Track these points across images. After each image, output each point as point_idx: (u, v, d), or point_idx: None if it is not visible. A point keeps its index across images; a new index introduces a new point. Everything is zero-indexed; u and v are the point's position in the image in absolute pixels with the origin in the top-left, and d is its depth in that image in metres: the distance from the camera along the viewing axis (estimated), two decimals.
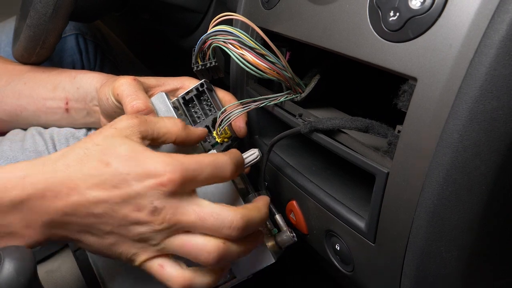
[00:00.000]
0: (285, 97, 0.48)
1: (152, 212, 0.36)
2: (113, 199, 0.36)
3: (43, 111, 0.61)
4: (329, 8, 0.41)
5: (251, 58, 0.45)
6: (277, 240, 0.46)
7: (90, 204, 0.36)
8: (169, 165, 0.36)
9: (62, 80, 0.60)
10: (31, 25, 0.57)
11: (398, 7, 0.34)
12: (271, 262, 0.45)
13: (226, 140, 0.50)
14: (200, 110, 0.51)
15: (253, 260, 0.45)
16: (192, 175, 0.37)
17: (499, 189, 0.32)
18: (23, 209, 0.35)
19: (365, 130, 0.40)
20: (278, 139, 0.47)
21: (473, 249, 0.34)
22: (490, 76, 0.29)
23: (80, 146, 0.38)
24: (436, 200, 0.33)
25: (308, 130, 0.43)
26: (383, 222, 0.38)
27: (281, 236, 0.46)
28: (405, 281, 0.37)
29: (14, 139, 0.60)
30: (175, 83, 0.55)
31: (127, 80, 0.50)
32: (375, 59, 0.36)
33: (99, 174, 0.36)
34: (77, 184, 0.36)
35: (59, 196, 0.35)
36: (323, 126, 0.42)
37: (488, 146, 0.30)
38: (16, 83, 0.62)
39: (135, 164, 0.36)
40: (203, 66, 0.50)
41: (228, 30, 0.45)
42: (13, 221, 0.35)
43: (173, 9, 0.71)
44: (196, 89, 0.50)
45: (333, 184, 0.48)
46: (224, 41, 0.46)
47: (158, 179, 0.36)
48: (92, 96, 0.58)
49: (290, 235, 0.46)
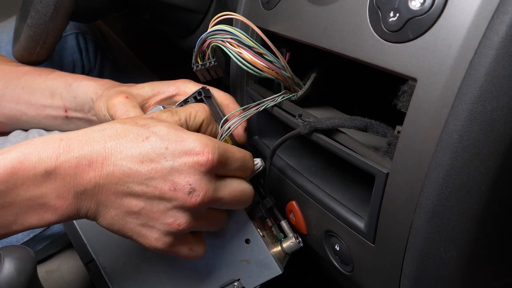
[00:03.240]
0: (282, 97, 0.48)
1: (187, 194, 0.36)
2: (148, 173, 0.36)
3: (43, 117, 0.61)
4: (329, 9, 0.41)
5: (248, 56, 0.45)
6: (283, 246, 0.47)
7: (123, 175, 0.35)
8: (208, 146, 0.37)
9: (58, 86, 0.60)
10: (31, 25, 0.57)
11: (398, 8, 0.34)
12: (278, 273, 0.46)
13: None
14: None
15: (261, 271, 0.46)
16: (226, 161, 0.38)
17: (498, 189, 0.32)
18: (56, 178, 0.35)
19: (364, 129, 0.40)
20: (279, 144, 0.47)
21: (473, 249, 0.34)
22: (490, 77, 0.29)
23: (119, 122, 0.38)
24: (435, 201, 0.33)
25: (307, 131, 0.43)
26: (383, 222, 0.38)
27: (287, 242, 0.47)
28: (404, 281, 0.37)
29: (16, 141, 0.60)
30: (170, 90, 0.55)
31: (120, 100, 0.50)
32: (375, 59, 0.36)
33: (136, 147, 0.36)
34: (112, 154, 0.35)
35: (93, 165, 0.35)
36: (322, 126, 0.42)
37: (488, 146, 0.30)
38: (14, 87, 0.62)
39: (174, 140, 0.37)
40: (203, 66, 0.50)
41: (226, 29, 0.46)
42: (47, 191, 0.35)
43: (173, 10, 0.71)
44: (194, 98, 0.50)
45: (333, 184, 0.48)
46: (223, 40, 0.46)
47: (196, 157, 0.36)
48: (90, 106, 0.58)
49: (296, 241, 0.47)
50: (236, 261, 0.47)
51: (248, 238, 0.47)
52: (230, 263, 0.47)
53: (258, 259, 0.46)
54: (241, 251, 0.47)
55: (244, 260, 0.47)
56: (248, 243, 0.47)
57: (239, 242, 0.47)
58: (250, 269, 0.47)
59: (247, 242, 0.47)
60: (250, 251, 0.47)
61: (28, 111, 0.61)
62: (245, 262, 0.47)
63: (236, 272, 0.47)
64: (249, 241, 0.47)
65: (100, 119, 0.54)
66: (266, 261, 0.46)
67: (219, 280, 0.47)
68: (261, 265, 0.46)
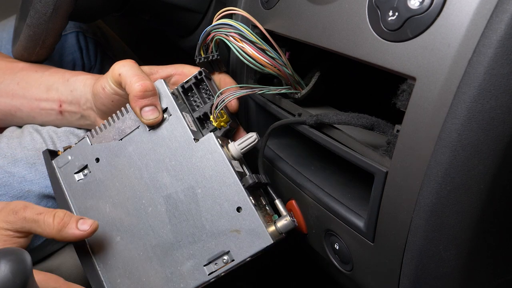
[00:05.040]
0: (286, 90, 0.48)
1: None
2: None
3: (37, 112, 0.61)
4: (328, 8, 0.41)
5: (251, 51, 0.45)
6: (277, 226, 0.45)
7: None
8: None
9: (55, 81, 0.60)
10: (31, 24, 0.57)
11: (397, 7, 0.34)
12: (269, 243, 0.44)
13: (223, 125, 0.50)
14: (199, 98, 0.51)
15: (251, 242, 0.44)
16: None
17: (497, 188, 0.32)
18: None
19: (370, 127, 0.40)
20: (281, 125, 0.47)
21: (472, 248, 0.34)
22: (489, 75, 0.29)
23: None
24: (434, 199, 0.33)
25: (313, 123, 0.43)
26: (382, 221, 0.38)
27: (281, 220, 0.45)
28: (404, 280, 0.38)
29: (11, 136, 0.60)
30: (168, 70, 0.55)
31: (129, 62, 0.50)
32: (374, 58, 0.36)
33: None
34: None
35: None
36: (329, 120, 0.42)
37: (487, 145, 0.30)
38: (9, 83, 0.61)
39: None
40: (206, 58, 0.51)
41: (231, 23, 0.46)
42: None
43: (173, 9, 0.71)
44: (194, 78, 0.51)
45: (332, 183, 0.48)
46: (226, 34, 0.46)
47: None
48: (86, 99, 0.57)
49: (290, 219, 0.45)
50: (226, 232, 0.45)
51: (239, 206, 0.45)
52: (220, 234, 0.45)
53: (249, 229, 0.44)
54: (232, 221, 0.45)
55: (235, 230, 0.45)
56: (239, 211, 0.45)
57: (230, 210, 0.45)
58: (240, 240, 0.44)
59: (238, 211, 0.45)
60: (242, 220, 0.44)
61: (22, 106, 0.61)
62: (236, 233, 0.45)
63: (226, 243, 0.45)
64: (240, 209, 0.45)
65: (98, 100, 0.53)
66: (257, 230, 0.44)
67: (208, 253, 0.45)
68: (252, 234, 0.44)
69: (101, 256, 0.50)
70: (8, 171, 0.56)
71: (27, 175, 0.56)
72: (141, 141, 0.49)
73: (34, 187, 0.56)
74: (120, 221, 0.49)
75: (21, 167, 0.57)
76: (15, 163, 0.57)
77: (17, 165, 0.57)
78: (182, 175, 0.47)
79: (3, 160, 0.56)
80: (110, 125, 0.51)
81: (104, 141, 0.51)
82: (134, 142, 0.49)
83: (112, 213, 0.50)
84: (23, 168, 0.57)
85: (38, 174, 0.57)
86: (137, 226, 0.48)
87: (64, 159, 0.53)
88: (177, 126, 0.48)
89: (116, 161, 0.50)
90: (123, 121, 0.50)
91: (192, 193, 0.46)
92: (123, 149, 0.50)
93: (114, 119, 0.51)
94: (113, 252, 0.49)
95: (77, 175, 0.52)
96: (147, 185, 0.48)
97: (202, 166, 0.46)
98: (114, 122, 0.51)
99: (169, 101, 0.49)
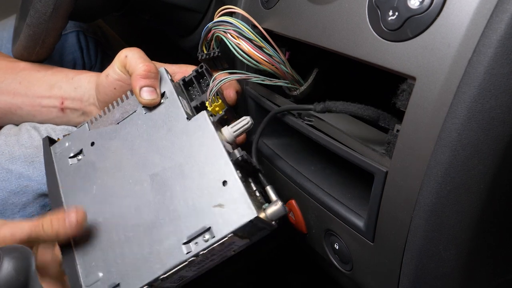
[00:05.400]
0: (283, 83, 0.48)
1: None
2: None
3: (37, 110, 0.61)
4: (328, 8, 0.41)
5: (247, 48, 0.45)
6: (267, 213, 0.42)
7: None
8: None
9: (58, 80, 0.60)
10: (30, 24, 0.57)
11: (397, 7, 0.34)
12: (253, 216, 0.40)
13: (219, 111, 0.49)
14: (199, 91, 0.52)
15: (234, 216, 0.41)
16: None
17: (497, 187, 0.32)
18: None
19: (376, 119, 0.39)
20: (283, 110, 0.47)
21: (472, 247, 0.34)
22: (489, 75, 0.29)
23: None
24: (434, 199, 0.33)
25: (320, 109, 0.43)
26: (382, 221, 0.38)
27: (271, 207, 0.42)
28: (403, 280, 0.38)
29: (9, 134, 0.59)
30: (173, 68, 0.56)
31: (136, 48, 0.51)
32: (374, 58, 0.36)
33: None
34: None
35: None
36: (336, 108, 0.42)
37: (487, 145, 0.30)
38: (10, 82, 0.61)
39: None
40: (208, 55, 0.52)
41: (229, 20, 0.46)
42: None
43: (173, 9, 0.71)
44: (195, 71, 0.51)
45: (332, 183, 0.48)
46: (225, 30, 0.47)
47: None
48: (90, 95, 0.58)
49: (281, 204, 0.42)
50: (209, 207, 0.42)
51: (225, 180, 0.42)
52: (203, 210, 0.42)
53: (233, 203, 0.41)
54: (216, 195, 0.42)
55: (218, 205, 0.42)
56: (225, 185, 0.42)
57: (215, 185, 0.42)
58: (223, 215, 0.41)
59: (224, 185, 0.42)
60: (226, 194, 0.42)
61: (23, 104, 0.61)
62: (219, 207, 0.41)
63: (207, 219, 0.42)
64: (226, 183, 0.42)
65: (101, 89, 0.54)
66: (241, 204, 0.41)
67: (188, 230, 0.42)
68: (235, 209, 0.41)
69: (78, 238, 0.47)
70: (5, 167, 0.56)
71: (25, 172, 0.56)
72: (137, 124, 0.49)
73: (32, 183, 0.56)
74: (104, 201, 0.48)
75: (19, 164, 0.57)
76: (12, 161, 0.57)
77: (15, 163, 0.57)
78: (172, 154, 0.46)
79: (1, 158, 0.56)
80: (110, 111, 0.51)
81: (102, 126, 0.51)
82: (129, 125, 0.50)
83: (98, 194, 0.48)
84: (21, 166, 0.57)
85: (36, 172, 0.57)
86: (121, 206, 0.46)
87: (61, 145, 0.53)
88: (173, 107, 0.48)
89: (110, 143, 0.50)
90: (122, 106, 0.51)
91: (179, 170, 0.45)
92: (118, 131, 0.50)
93: (114, 105, 0.51)
94: (92, 234, 0.47)
95: (71, 159, 0.52)
96: (137, 165, 0.47)
97: (192, 142, 0.45)
98: (114, 108, 0.51)
99: (168, 86, 0.49)
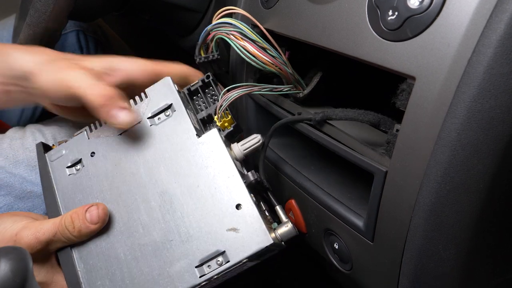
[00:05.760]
0: (288, 90, 0.48)
1: None
2: None
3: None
4: (328, 8, 0.41)
5: (252, 50, 0.45)
6: (277, 233, 0.42)
7: None
8: None
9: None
10: (30, 24, 0.57)
11: (396, 6, 0.34)
12: (269, 243, 0.40)
13: (227, 126, 0.49)
14: (204, 102, 0.51)
15: (249, 241, 0.40)
16: None
17: (497, 187, 0.32)
18: None
19: (377, 124, 0.40)
20: (284, 123, 0.46)
21: (471, 247, 0.34)
22: (488, 75, 0.29)
23: None
24: (434, 199, 0.33)
25: (320, 119, 0.43)
26: (381, 220, 0.38)
27: (281, 227, 0.42)
28: (403, 279, 0.38)
29: (14, 137, 0.59)
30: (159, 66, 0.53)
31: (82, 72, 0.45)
32: (373, 58, 0.36)
33: None
34: None
35: None
36: (336, 116, 0.42)
37: (486, 144, 0.30)
38: None
39: None
40: (206, 58, 0.51)
41: (231, 22, 0.46)
42: None
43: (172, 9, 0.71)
44: (202, 81, 0.50)
45: (332, 183, 0.48)
46: (227, 32, 0.46)
47: None
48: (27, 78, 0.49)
49: (292, 226, 0.42)
50: (223, 230, 0.41)
51: (239, 203, 0.42)
52: (216, 233, 0.42)
53: (248, 227, 0.41)
54: (230, 218, 0.42)
55: (232, 229, 0.41)
56: (238, 209, 0.42)
57: (229, 208, 0.42)
58: (238, 239, 0.41)
59: (238, 208, 0.42)
60: (240, 218, 0.41)
61: None
62: (233, 231, 0.41)
63: (221, 243, 0.41)
64: (240, 206, 0.42)
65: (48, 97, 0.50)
66: (256, 229, 0.41)
67: (200, 253, 0.42)
68: (250, 233, 0.41)
69: (82, 255, 0.46)
70: (9, 171, 0.56)
71: (28, 177, 0.56)
72: (141, 136, 0.47)
73: (35, 189, 0.56)
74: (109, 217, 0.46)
75: (22, 169, 0.56)
76: (16, 165, 0.56)
77: (18, 167, 0.56)
78: (181, 171, 0.45)
79: (5, 161, 0.56)
80: None
81: (102, 135, 0.49)
82: (133, 137, 0.47)
83: None
84: (24, 170, 0.56)
85: (38, 177, 0.56)
86: (127, 223, 0.45)
87: (57, 152, 0.51)
88: (180, 122, 0.46)
89: (112, 155, 0.48)
90: None
91: (189, 189, 0.44)
92: (121, 143, 0.48)
93: None
94: (96, 251, 0.46)
95: (69, 169, 0.50)
96: (143, 181, 0.46)
97: (203, 161, 0.44)
98: None
99: (175, 98, 0.47)
